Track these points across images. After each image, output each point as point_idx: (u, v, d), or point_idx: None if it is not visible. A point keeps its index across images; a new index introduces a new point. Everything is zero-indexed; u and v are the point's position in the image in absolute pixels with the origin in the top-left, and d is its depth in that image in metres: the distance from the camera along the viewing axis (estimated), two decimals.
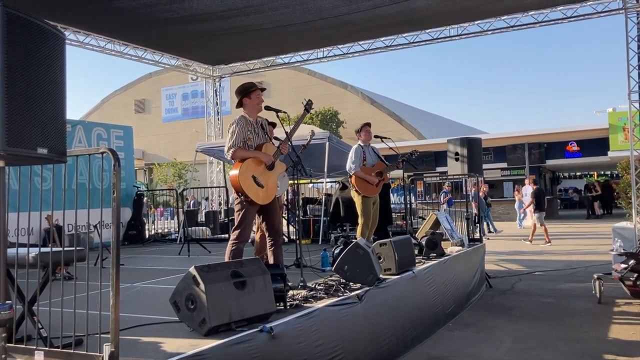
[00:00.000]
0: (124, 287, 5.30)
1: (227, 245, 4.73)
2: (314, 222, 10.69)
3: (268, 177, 4.78)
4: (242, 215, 4.69)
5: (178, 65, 16.61)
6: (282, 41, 13.91)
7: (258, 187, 4.66)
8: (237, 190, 4.61)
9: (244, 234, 4.71)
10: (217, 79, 17.92)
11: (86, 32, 12.81)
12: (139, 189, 12.93)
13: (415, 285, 5.57)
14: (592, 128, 23.36)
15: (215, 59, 16.54)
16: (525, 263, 10.55)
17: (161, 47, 14.59)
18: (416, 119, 38.49)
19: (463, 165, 8.62)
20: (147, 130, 42.22)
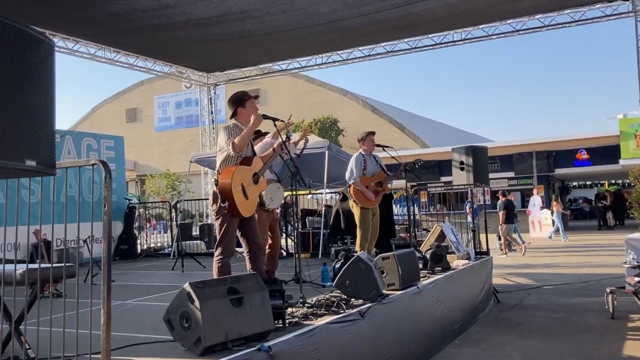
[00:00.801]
0: (115, 304, 5.28)
1: (213, 263, 4.70)
2: (313, 235, 10.67)
3: (253, 190, 4.82)
4: (225, 228, 4.68)
5: (171, 72, 16.67)
6: (279, 47, 13.98)
7: (244, 197, 4.67)
8: (226, 195, 4.60)
9: (229, 247, 4.71)
10: (212, 86, 17.99)
11: (75, 39, 12.87)
12: (130, 201, 12.92)
13: (420, 300, 5.55)
14: (602, 135, 23.39)
15: (210, 66, 16.61)
16: (534, 276, 10.52)
17: (153, 54, 14.65)
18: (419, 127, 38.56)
19: (468, 174, 8.63)
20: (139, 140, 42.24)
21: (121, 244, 12.09)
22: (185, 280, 3.38)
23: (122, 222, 12.32)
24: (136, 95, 44.69)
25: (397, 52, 14.69)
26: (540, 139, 25.09)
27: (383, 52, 14.74)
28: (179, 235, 10.84)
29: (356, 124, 34.95)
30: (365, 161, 7.16)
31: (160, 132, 43.41)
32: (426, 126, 41.87)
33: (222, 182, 4.63)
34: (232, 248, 4.76)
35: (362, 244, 6.95)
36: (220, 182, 4.63)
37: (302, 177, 5.16)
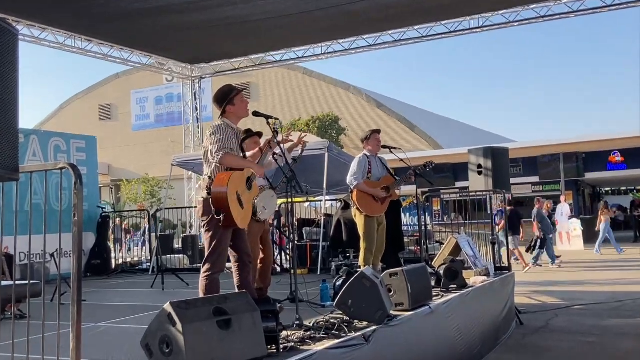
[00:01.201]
0: (86, 327, 5.26)
1: (200, 280, 4.69)
2: (311, 248, 10.67)
3: (247, 197, 4.80)
4: (217, 241, 4.64)
5: (150, 64, 16.71)
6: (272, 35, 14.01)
7: (239, 206, 4.65)
8: (221, 207, 4.56)
9: (220, 263, 4.68)
10: (197, 79, 18.03)
11: (42, 26, 12.90)
12: (103, 210, 12.92)
13: (433, 322, 5.54)
14: (638, 135, 23.43)
15: (195, 57, 16.65)
16: (562, 295, 10.53)
17: (130, 43, 14.68)
18: (431, 126, 38.62)
19: (487, 179, 8.63)
20: (113, 140, 42.28)
21: (93, 258, 12.08)
22: (165, 300, 3.38)
23: (95, 233, 12.32)
24: (111, 89, 44.76)
25: (406, 41, 14.73)
26: (569, 139, 25.15)
27: (390, 40, 14.78)
28: (158, 248, 10.84)
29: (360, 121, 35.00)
30: (370, 164, 7.16)
31: (138, 131, 43.45)
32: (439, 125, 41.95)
33: (215, 192, 4.59)
34: (222, 264, 4.74)
35: (367, 259, 6.95)
36: (213, 191, 4.60)
37: (298, 183, 5.14)
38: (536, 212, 15.63)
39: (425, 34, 14.34)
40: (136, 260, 14.56)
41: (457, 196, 19.88)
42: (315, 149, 10.67)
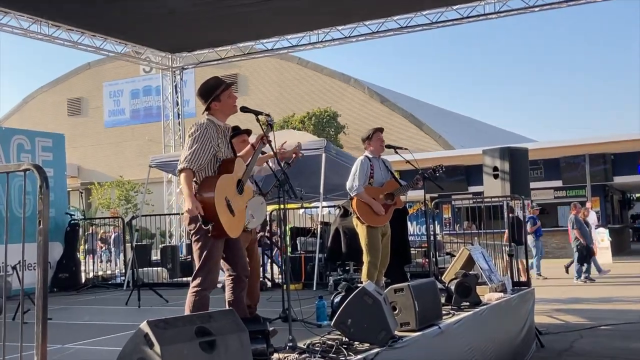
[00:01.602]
0: (52, 349, 5.25)
1: (188, 296, 4.68)
2: (306, 261, 10.67)
3: (239, 202, 4.78)
4: (208, 253, 4.63)
5: (126, 52, 16.73)
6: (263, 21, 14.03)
7: (230, 214, 4.65)
8: (209, 216, 4.55)
9: (210, 278, 4.67)
10: (178, 70, 18.05)
11: (3, 10, 12.89)
12: (72, 217, 12.89)
13: (443, 344, 5.55)
14: None
15: (175, 45, 16.65)
16: (587, 314, 10.55)
17: (103, 30, 14.68)
18: (441, 123, 38.71)
19: (504, 183, 8.66)
20: (84, 138, 42.27)
21: (61, 271, 12.05)
22: (142, 318, 3.37)
23: (62, 243, 12.29)
24: (81, 81, 44.75)
25: (413, 28, 14.78)
26: (595, 138, 25.21)
27: (395, 27, 14.82)
28: (134, 260, 10.83)
29: (361, 118, 35.05)
30: (372, 167, 7.17)
31: (112, 128, 43.44)
32: (450, 122, 42.06)
33: (202, 199, 4.59)
34: (214, 278, 4.74)
35: (371, 274, 6.94)
36: (199, 198, 4.59)
37: (292, 187, 5.15)
38: (574, 219, 15.63)
39: (434, 20, 14.38)
40: (109, 273, 14.52)
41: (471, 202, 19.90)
42: (311, 149, 10.66)
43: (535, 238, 16.77)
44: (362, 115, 35.97)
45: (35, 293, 2.85)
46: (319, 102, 36.02)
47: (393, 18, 14.53)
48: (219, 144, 4.79)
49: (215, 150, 4.73)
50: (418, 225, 23.11)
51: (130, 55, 17.17)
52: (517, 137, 45.69)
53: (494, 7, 13.82)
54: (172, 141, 18.18)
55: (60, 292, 11.58)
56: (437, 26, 14.54)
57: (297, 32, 15.57)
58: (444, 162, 7.91)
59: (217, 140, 4.79)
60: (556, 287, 14.49)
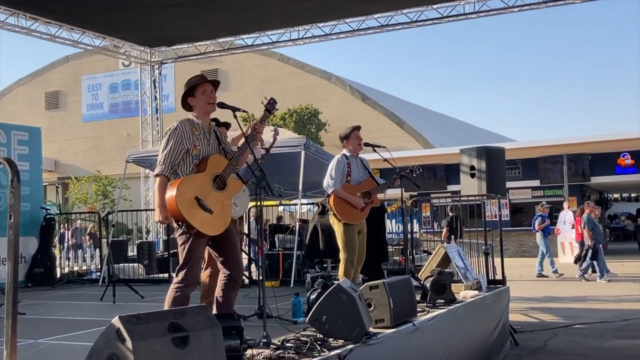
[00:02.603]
0: (24, 344, 5.23)
1: (169, 291, 4.70)
2: (284, 258, 10.68)
3: (218, 198, 4.76)
4: (188, 250, 4.66)
5: (104, 46, 16.61)
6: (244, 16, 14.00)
7: (205, 212, 4.65)
8: (177, 218, 4.58)
9: (192, 274, 4.69)
10: (157, 65, 17.96)
11: None
12: (48, 211, 12.81)
13: (417, 341, 5.58)
14: None
15: (155, 39, 16.56)
16: (562, 312, 10.65)
17: (81, 23, 14.57)
18: (422, 122, 38.88)
19: (480, 182, 8.71)
20: (61, 132, 41.93)
21: (36, 266, 11.97)
22: (116, 314, 3.36)
23: (37, 238, 12.20)
24: (59, 75, 44.38)
25: (394, 27, 14.82)
26: (573, 138, 25.46)
27: (376, 25, 14.86)
28: (110, 256, 10.79)
29: (342, 116, 35.11)
30: (350, 165, 7.18)
31: (90, 122, 43.13)
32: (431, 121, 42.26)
33: (167, 202, 4.61)
34: (196, 275, 4.77)
35: (348, 271, 6.97)
36: (168, 202, 4.61)
37: (268, 184, 5.14)
38: (586, 218, 15.57)
39: (415, 19, 14.44)
40: (84, 269, 14.45)
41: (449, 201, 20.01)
42: (290, 145, 10.68)
43: (544, 236, 16.81)
44: (343, 113, 36.02)
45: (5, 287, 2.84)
46: (300, 99, 36.02)
47: (374, 16, 14.57)
48: (195, 143, 4.79)
49: (186, 148, 4.74)
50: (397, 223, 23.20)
51: (108, 49, 17.06)
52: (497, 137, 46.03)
53: (473, 6, 13.91)
54: (150, 136, 18.10)
55: (35, 287, 11.51)
56: (418, 25, 14.60)
57: (277, 28, 15.55)
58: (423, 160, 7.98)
59: (192, 139, 4.78)
60: (532, 285, 14.61)
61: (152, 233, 17.88)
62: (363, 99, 37.56)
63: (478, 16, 14.11)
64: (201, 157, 4.82)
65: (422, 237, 16.86)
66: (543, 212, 17.42)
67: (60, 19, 14.16)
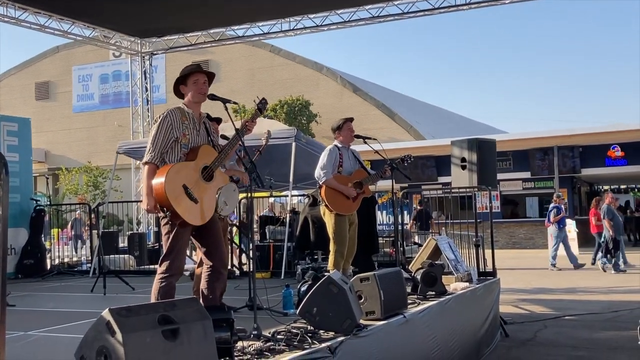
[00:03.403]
0: (13, 336, 5.22)
1: (154, 282, 4.70)
2: (274, 249, 10.68)
3: (204, 190, 4.77)
4: (172, 239, 4.67)
5: (94, 36, 16.51)
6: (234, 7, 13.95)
7: (190, 201, 4.65)
8: (163, 204, 4.58)
9: (176, 264, 4.70)
10: (148, 55, 17.87)
11: None
12: (38, 202, 12.76)
13: (408, 333, 5.60)
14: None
15: (145, 30, 16.48)
16: (552, 304, 10.71)
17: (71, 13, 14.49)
18: (413, 114, 38.91)
19: (471, 174, 8.73)
20: (52, 123, 41.73)
21: (26, 257, 11.94)
22: (107, 306, 3.36)
23: (27, 229, 12.16)
24: (49, 65, 44.14)
25: (385, 18, 14.80)
26: (564, 130, 25.52)
27: (367, 17, 14.83)
28: (100, 247, 10.76)
29: (333, 107, 35.11)
30: (341, 155, 7.19)
31: (80, 113, 42.96)
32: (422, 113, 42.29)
33: (154, 187, 4.61)
34: (180, 265, 4.78)
35: (337, 262, 6.98)
36: (153, 186, 4.62)
37: (259, 176, 5.15)
38: (606, 208, 15.31)
39: (406, 10, 14.42)
40: (75, 260, 14.41)
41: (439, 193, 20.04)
42: (281, 137, 10.67)
43: (558, 228, 16.68)
44: (334, 104, 36.00)
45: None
46: (291, 91, 35.96)
47: (365, 7, 14.54)
48: (185, 132, 4.78)
49: (175, 136, 4.73)
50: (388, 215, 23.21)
51: (98, 40, 16.96)
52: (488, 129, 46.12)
53: None
54: (141, 127, 18.03)
55: (25, 278, 11.48)
56: (409, 16, 14.58)
57: (268, 20, 15.51)
58: (414, 152, 7.98)
59: (182, 128, 4.78)
60: (522, 277, 14.67)
61: (143, 224, 17.85)
62: (354, 90, 37.53)
63: (469, 7, 14.10)
64: (190, 146, 4.82)
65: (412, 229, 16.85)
66: (559, 203, 17.22)
67: (49, 9, 14.07)
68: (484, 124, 51.91)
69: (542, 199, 26.62)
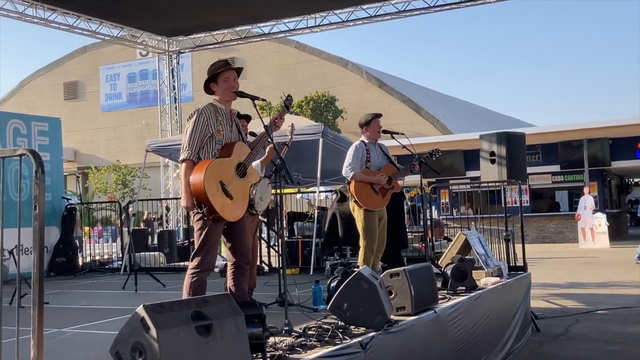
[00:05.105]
0: (49, 333, 5.29)
1: (185, 277, 4.75)
2: (303, 245, 10.70)
3: (239, 186, 4.80)
4: (205, 235, 4.71)
5: (122, 36, 16.65)
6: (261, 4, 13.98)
7: (226, 197, 4.68)
8: (200, 199, 4.62)
9: (207, 260, 4.74)
10: (175, 54, 17.99)
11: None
12: (69, 201, 12.91)
13: (438, 328, 5.58)
14: None
15: (172, 29, 16.59)
16: (583, 298, 10.60)
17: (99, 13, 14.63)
18: (439, 107, 38.68)
19: (501, 168, 8.66)
20: (81, 122, 42.18)
21: (58, 255, 12.09)
22: (138, 303, 3.40)
23: (59, 227, 12.31)
24: (77, 65, 44.61)
25: (411, 12, 14.72)
26: (594, 123, 25.22)
27: (394, 11, 14.77)
28: (131, 244, 10.85)
29: (359, 103, 35.04)
30: (369, 151, 7.17)
31: (109, 112, 43.36)
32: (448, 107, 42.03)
33: (193, 183, 4.65)
34: (212, 261, 4.81)
35: (367, 258, 6.97)
36: (191, 182, 4.65)
37: (288, 172, 5.17)
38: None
39: (433, 4, 14.33)
40: (106, 258, 14.57)
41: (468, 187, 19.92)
42: (308, 133, 10.67)
43: None
44: (360, 99, 35.92)
45: (31, 277, 2.87)
46: (317, 86, 35.96)
47: (391, 2, 14.49)
48: (219, 128, 4.82)
49: (211, 132, 4.77)
50: None
51: (126, 39, 17.10)
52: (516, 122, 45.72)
53: None
54: (169, 125, 18.16)
55: (57, 276, 11.62)
56: (435, 10, 14.49)
57: (294, 16, 15.51)
58: (441, 146, 7.93)
59: (216, 124, 4.81)
60: (553, 272, 14.55)
61: (172, 222, 18.00)
62: (380, 85, 37.40)
63: (497, 1, 13.99)
64: (224, 142, 4.85)
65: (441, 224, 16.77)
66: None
67: (78, 10, 14.22)
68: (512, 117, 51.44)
69: (572, 193, 26.35)
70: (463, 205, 22.16)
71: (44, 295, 2.86)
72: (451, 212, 25.16)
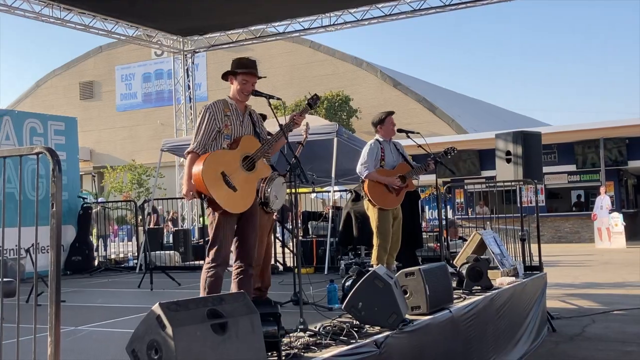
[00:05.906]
0: (65, 331, 5.32)
1: (202, 272, 4.78)
2: (317, 245, 10.70)
3: (244, 179, 4.80)
4: (215, 228, 4.75)
5: (137, 36, 16.73)
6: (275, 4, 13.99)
7: (229, 188, 4.69)
8: (200, 189, 4.66)
9: (221, 253, 4.77)
10: (190, 54, 18.05)
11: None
12: (85, 200, 12.99)
13: (453, 328, 5.57)
14: None
15: (187, 28, 16.65)
16: (600, 299, 10.54)
17: (114, 13, 14.70)
18: (454, 107, 38.52)
19: (517, 168, 8.62)
20: (96, 122, 42.37)
21: (74, 254, 12.17)
22: (154, 301, 3.41)
23: (75, 226, 12.39)
24: (93, 65, 44.80)
25: (426, 11, 14.68)
26: (610, 122, 25.00)
27: (408, 10, 14.74)
28: (146, 243, 10.90)
29: (374, 102, 34.94)
30: (383, 150, 7.17)
31: (124, 112, 43.52)
32: (463, 106, 41.84)
33: (194, 173, 4.71)
34: (226, 254, 4.83)
35: (381, 257, 6.97)
36: (193, 172, 4.71)
37: (303, 171, 5.17)
38: None
39: (448, 3, 14.29)
40: (122, 257, 14.64)
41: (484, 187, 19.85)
42: (322, 133, 10.68)
43: None
44: (374, 99, 35.84)
45: (48, 276, 2.89)
46: (331, 86, 35.90)
47: (406, 1, 14.46)
48: (227, 123, 4.86)
49: (218, 127, 4.81)
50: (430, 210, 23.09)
51: (141, 39, 17.18)
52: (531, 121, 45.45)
53: None
54: (184, 125, 18.23)
55: (73, 274, 11.70)
56: (451, 9, 14.45)
57: (308, 15, 15.52)
58: (457, 146, 7.88)
59: (224, 119, 4.85)
60: (569, 272, 14.47)
61: (187, 221, 18.06)
62: (394, 84, 37.31)
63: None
64: (233, 137, 4.88)
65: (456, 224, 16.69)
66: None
67: (94, 9, 14.30)
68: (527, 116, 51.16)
69: (588, 193, 26.16)
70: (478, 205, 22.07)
71: (60, 293, 2.87)
72: (466, 212, 25.09)
